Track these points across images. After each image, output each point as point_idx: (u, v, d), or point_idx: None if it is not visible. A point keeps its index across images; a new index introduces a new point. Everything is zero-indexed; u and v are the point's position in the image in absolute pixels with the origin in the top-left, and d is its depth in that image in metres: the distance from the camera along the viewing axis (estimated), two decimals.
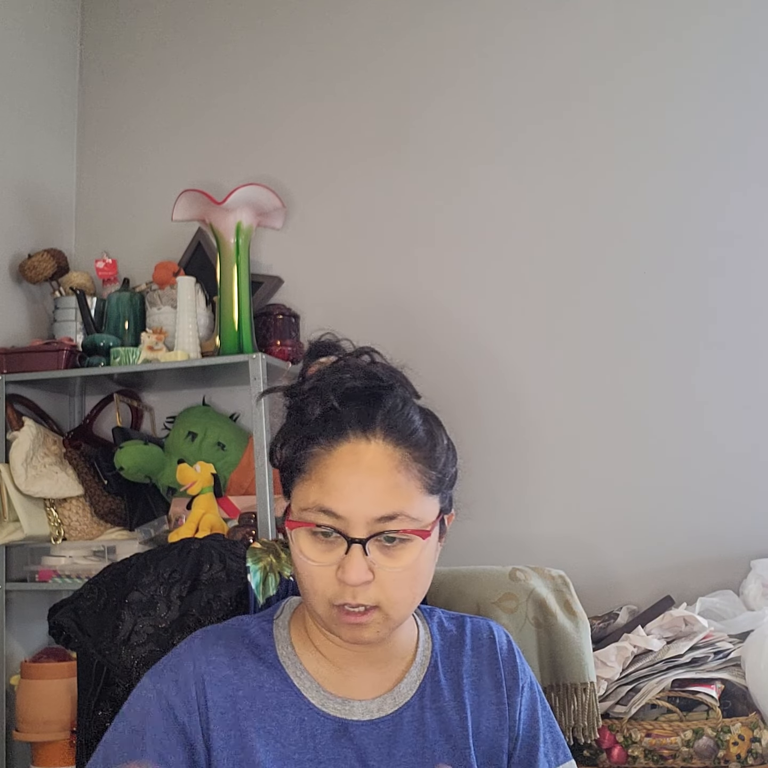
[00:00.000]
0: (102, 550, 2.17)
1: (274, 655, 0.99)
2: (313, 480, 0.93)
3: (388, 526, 0.91)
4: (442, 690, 1.01)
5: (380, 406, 0.95)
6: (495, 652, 1.06)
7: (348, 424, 0.93)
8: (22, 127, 2.48)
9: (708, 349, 2.10)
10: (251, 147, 2.51)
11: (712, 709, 1.57)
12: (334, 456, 0.92)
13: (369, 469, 0.91)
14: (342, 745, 0.95)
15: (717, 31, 2.17)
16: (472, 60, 2.35)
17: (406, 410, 0.96)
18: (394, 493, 0.91)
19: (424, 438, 0.95)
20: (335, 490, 0.91)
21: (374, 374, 0.97)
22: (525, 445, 2.19)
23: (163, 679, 0.96)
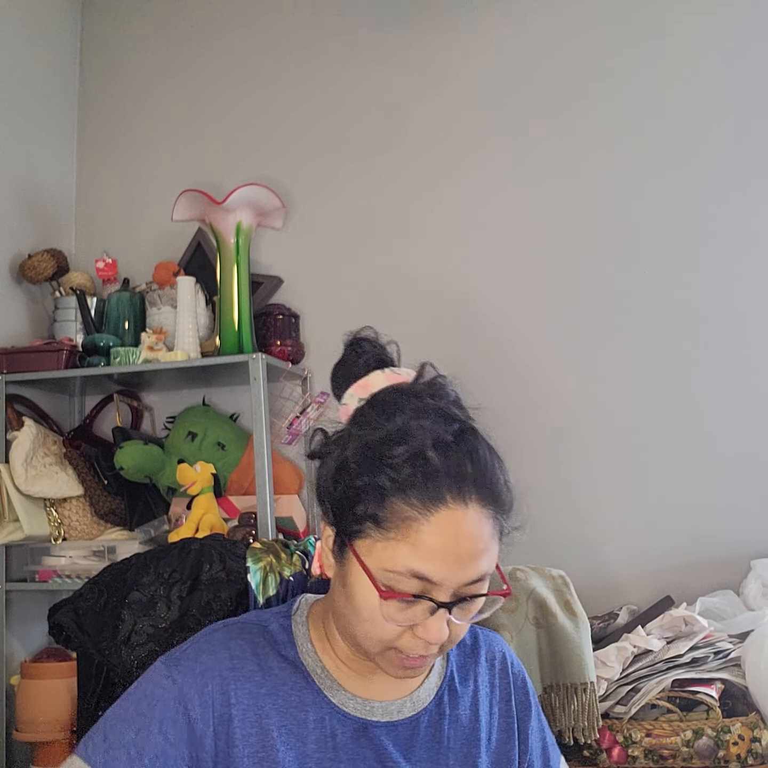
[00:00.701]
0: (102, 550, 2.17)
1: (295, 652, 0.98)
2: (401, 541, 0.86)
3: (473, 589, 0.89)
4: (459, 699, 1.02)
5: (471, 460, 0.90)
6: (507, 666, 1.08)
7: (445, 485, 0.87)
8: (22, 127, 2.48)
9: (708, 349, 2.10)
10: (251, 147, 2.51)
11: (712, 709, 1.57)
12: (431, 522, 0.86)
13: (467, 538, 0.87)
14: (361, 745, 0.95)
15: (717, 29, 2.17)
16: (471, 59, 2.35)
17: (491, 460, 0.92)
18: (485, 557, 0.89)
19: (505, 489, 0.93)
20: (433, 559, 0.86)
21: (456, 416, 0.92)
22: (525, 445, 2.19)
23: (181, 668, 0.94)
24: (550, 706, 1.53)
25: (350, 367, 1.03)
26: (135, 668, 1.21)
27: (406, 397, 0.93)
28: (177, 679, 0.93)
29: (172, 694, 0.92)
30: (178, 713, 0.91)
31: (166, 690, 0.92)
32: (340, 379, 1.04)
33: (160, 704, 0.91)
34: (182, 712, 0.91)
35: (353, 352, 1.04)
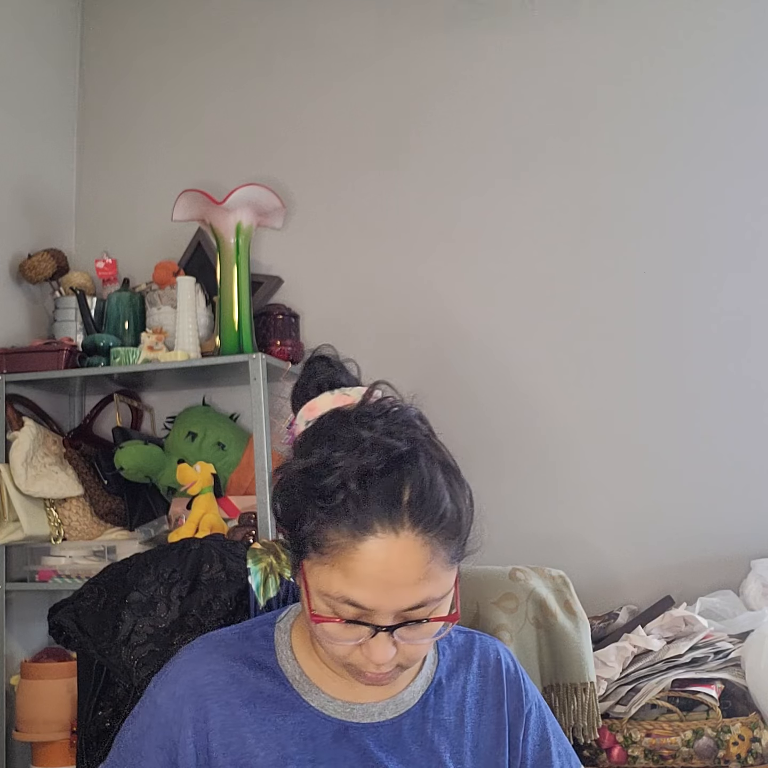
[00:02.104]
0: (102, 550, 2.17)
1: (274, 659, 1.00)
2: (335, 567, 0.87)
3: (415, 614, 0.88)
4: (445, 704, 1.02)
5: (405, 489, 0.87)
6: (500, 673, 1.06)
7: (374, 515, 0.86)
8: (22, 127, 2.48)
9: (707, 350, 2.10)
10: (251, 147, 2.51)
11: (712, 709, 1.58)
12: (360, 551, 0.85)
13: (399, 567, 0.86)
14: (342, 746, 0.96)
15: (723, 36, 2.17)
16: (475, 63, 2.35)
17: (434, 488, 0.89)
18: (423, 584, 0.87)
19: (451, 513, 0.90)
20: (364, 587, 0.86)
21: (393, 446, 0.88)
22: (525, 445, 2.19)
23: (163, 691, 0.98)
24: (550, 706, 1.52)
25: (303, 388, 1.03)
26: (135, 668, 1.21)
27: (340, 425, 0.92)
28: (161, 703, 0.98)
29: (158, 721, 0.97)
30: (164, 738, 0.97)
31: (154, 717, 0.98)
32: (295, 401, 1.04)
33: (148, 733, 0.98)
34: (167, 735, 0.96)
35: (306, 373, 1.04)
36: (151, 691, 1.00)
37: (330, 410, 0.96)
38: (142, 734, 0.98)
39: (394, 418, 0.92)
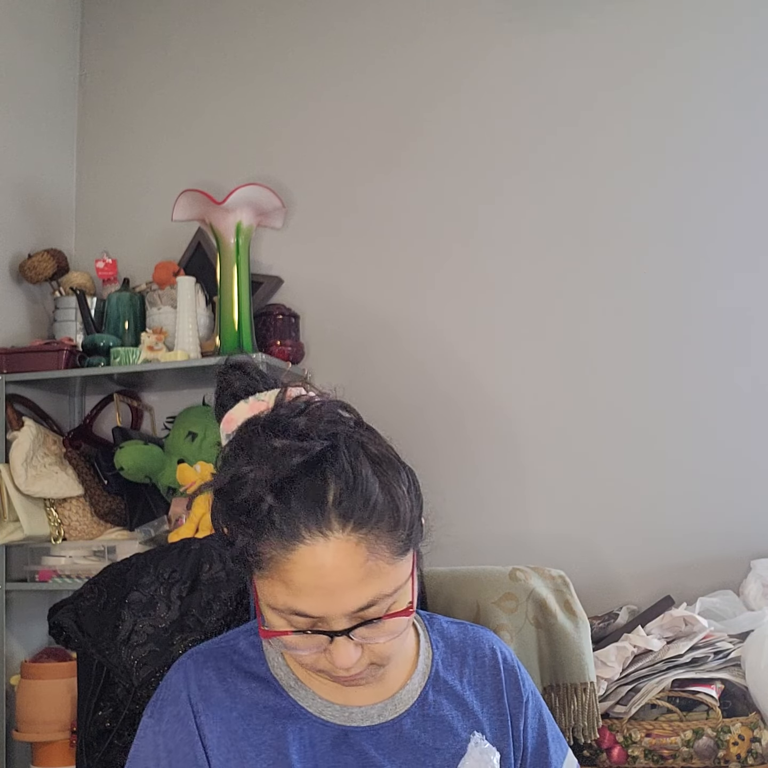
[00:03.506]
0: (102, 550, 2.17)
1: (266, 668, 0.97)
2: (275, 579, 0.84)
3: (368, 613, 0.85)
4: (444, 699, 1.00)
5: (329, 488, 0.83)
6: (497, 663, 1.05)
7: (300, 522, 0.82)
8: (22, 127, 2.48)
9: (707, 350, 2.10)
10: (251, 147, 2.51)
11: (712, 709, 1.57)
12: (292, 561, 0.83)
13: (335, 570, 0.82)
14: (342, 752, 0.94)
15: (728, 38, 2.17)
16: (477, 66, 2.35)
17: (361, 481, 0.84)
18: (367, 582, 0.84)
19: (384, 504, 0.85)
20: (304, 596, 0.83)
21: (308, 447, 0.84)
22: (525, 445, 2.19)
23: (164, 716, 0.94)
24: (550, 706, 1.52)
25: (219, 401, 1.00)
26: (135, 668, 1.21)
27: (252, 435, 0.88)
28: (167, 729, 0.94)
29: (167, 747, 0.93)
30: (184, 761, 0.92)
31: (161, 747, 0.93)
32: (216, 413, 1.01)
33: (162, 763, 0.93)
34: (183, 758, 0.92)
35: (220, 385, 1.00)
36: (148, 723, 0.95)
37: (245, 420, 0.92)
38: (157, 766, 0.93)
39: (310, 417, 0.87)
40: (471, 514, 2.15)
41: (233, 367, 1.01)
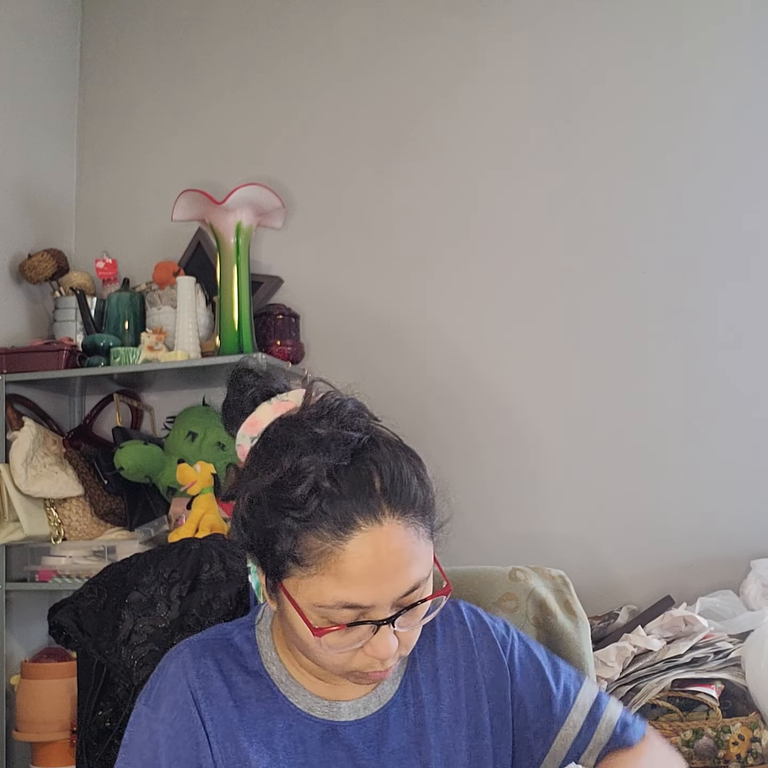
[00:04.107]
0: (102, 550, 2.17)
1: (259, 662, 0.99)
2: (324, 575, 0.85)
3: (412, 597, 0.88)
4: (421, 684, 1.01)
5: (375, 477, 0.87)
6: (467, 632, 1.05)
7: (353, 509, 0.85)
8: (22, 127, 2.48)
9: (706, 350, 2.10)
10: (251, 147, 2.51)
11: (712, 709, 1.57)
12: (347, 551, 0.84)
13: (389, 554, 0.85)
14: (332, 747, 0.96)
15: (731, 33, 2.17)
16: (475, 63, 2.35)
17: (401, 469, 0.88)
18: (414, 565, 0.87)
19: (419, 490, 0.89)
20: (359, 585, 0.84)
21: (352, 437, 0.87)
22: (525, 445, 2.19)
23: (162, 704, 0.95)
24: None
25: (236, 405, 0.99)
26: (135, 668, 1.21)
27: (293, 430, 0.89)
28: (165, 717, 0.94)
29: (167, 734, 0.93)
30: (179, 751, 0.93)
31: (160, 733, 0.94)
32: (230, 419, 1.00)
33: (161, 749, 0.93)
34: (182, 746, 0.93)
35: (236, 389, 0.99)
36: (143, 711, 0.96)
37: (275, 420, 0.93)
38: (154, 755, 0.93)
39: (341, 411, 0.90)
40: (471, 514, 2.15)
41: (246, 371, 1.01)
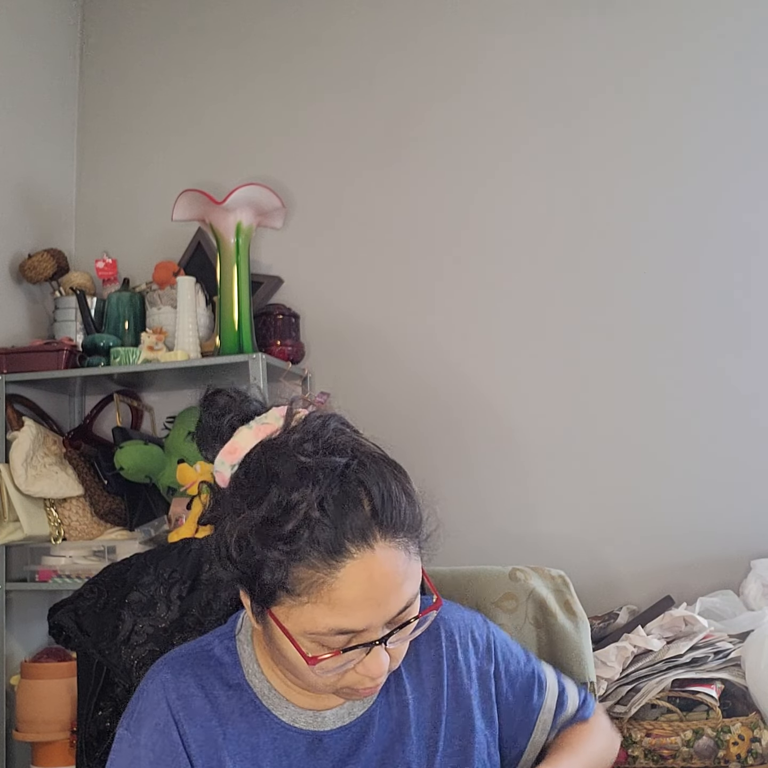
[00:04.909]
0: (102, 550, 2.17)
1: (241, 674, 0.97)
2: (316, 603, 0.83)
3: (404, 616, 0.88)
4: (405, 683, 1.01)
5: (364, 500, 0.85)
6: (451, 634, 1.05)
7: (344, 537, 0.82)
8: (22, 127, 2.48)
9: (706, 350, 2.10)
10: (251, 147, 2.51)
11: (712, 709, 1.57)
12: (340, 579, 0.82)
13: (382, 578, 0.84)
14: (317, 757, 0.95)
15: (731, 34, 2.17)
16: (476, 64, 2.35)
17: (389, 489, 0.86)
18: (406, 585, 0.86)
19: (409, 511, 0.88)
20: (353, 612, 0.83)
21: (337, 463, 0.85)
22: (525, 445, 2.19)
23: (143, 728, 0.93)
24: None
25: (213, 430, 0.94)
26: (135, 668, 1.21)
27: (277, 459, 0.86)
28: (146, 743, 0.92)
29: (149, 760, 0.92)
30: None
31: (142, 760, 0.92)
32: (206, 443, 0.95)
33: None
34: None
35: (211, 414, 0.95)
36: (125, 736, 0.94)
37: (257, 446, 0.90)
38: None
39: (324, 433, 0.88)
40: (471, 514, 2.16)
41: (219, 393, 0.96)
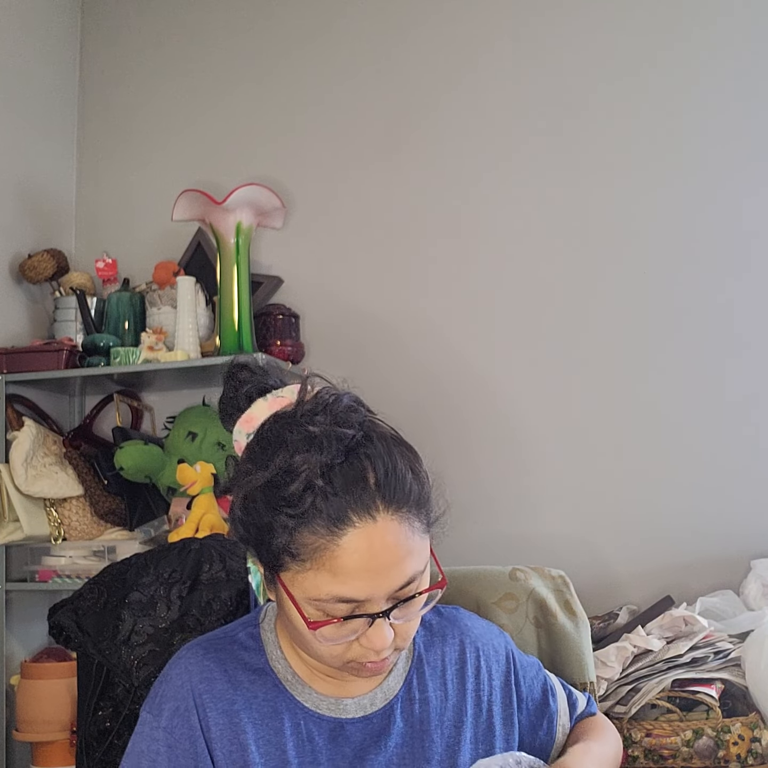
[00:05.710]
0: (102, 550, 2.17)
1: (265, 659, 0.99)
2: (318, 570, 0.86)
3: (407, 591, 0.89)
4: (428, 680, 1.02)
5: (369, 472, 0.87)
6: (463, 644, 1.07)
7: (347, 506, 0.85)
8: (22, 127, 2.48)
9: (705, 350, 2.10)
10: (251, 147, 2.51)
11: (712, 709, 1.57)
12: (342, 547, 0.85)
13: (383, 549, 0.86)
14: (339, 744, 0.96)
15: (731, 33, 2.16)
16: (475, 64, 2.35)
17: (395, 464, 0.89)
18: (408, 559, 0.88)
19: (416, 487, 0.90)
20: (353, 580, 0.86)
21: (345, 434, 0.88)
22: (525, 445, 2.19)
23: (164, 712, 0.95)
24: None
25: (232, 401, 1.00)
26: (135, 668, 1.21)
27: (287, 427, 0.90)
28: (167, 726, 0.94)
29: (167, 743, 0.94)
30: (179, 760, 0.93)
31: (161, 742, 0.94)
32: (226, 415, 1.01)
33: (160, 758, 0.93)
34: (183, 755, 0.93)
35: (232, 385, 1.01)
36: (146, 719, 0.96)
37: (270, 416, 0.94)
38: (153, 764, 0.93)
39: (336, 407, 0.90)
40: (471, 513, 2.15)
41: (240, 367, 1.02)
